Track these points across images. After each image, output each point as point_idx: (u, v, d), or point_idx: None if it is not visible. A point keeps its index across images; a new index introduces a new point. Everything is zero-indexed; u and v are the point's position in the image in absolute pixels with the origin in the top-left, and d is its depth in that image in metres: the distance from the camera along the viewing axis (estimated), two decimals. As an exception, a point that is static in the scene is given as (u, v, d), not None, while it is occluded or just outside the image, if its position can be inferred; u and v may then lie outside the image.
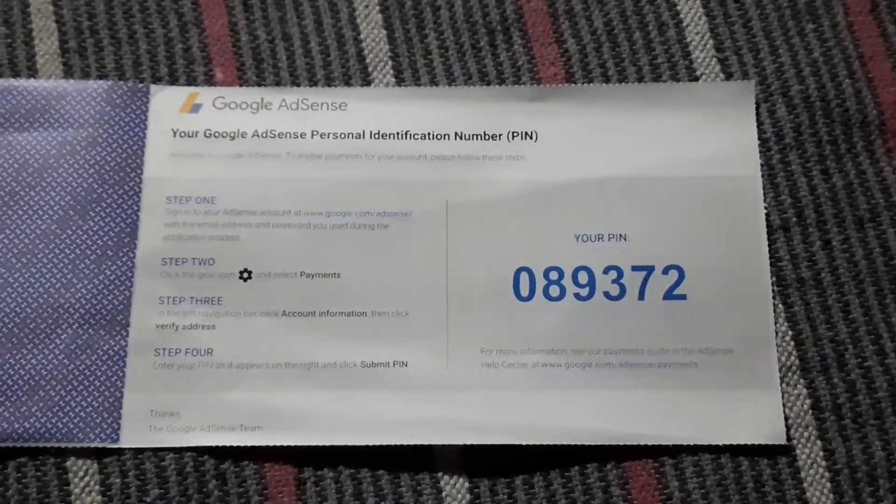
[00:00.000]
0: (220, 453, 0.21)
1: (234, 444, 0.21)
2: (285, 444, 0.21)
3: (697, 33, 0.25)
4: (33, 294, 0.22)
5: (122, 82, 0.24)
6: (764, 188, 0.23)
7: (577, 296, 0.23)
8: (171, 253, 0.22)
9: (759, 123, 0.24)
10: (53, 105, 0.23)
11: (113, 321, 0.22)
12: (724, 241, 0.23)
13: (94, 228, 0.22)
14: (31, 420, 0.21)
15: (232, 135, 0.23)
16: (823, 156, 0.24)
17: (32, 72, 0.24)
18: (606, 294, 0.23)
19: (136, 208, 0.23)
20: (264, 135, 0.23)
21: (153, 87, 0.24)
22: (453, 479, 0.22)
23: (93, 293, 0.22)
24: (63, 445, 0.21)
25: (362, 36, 0.24)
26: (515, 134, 0.24)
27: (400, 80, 0.24)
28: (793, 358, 0.23)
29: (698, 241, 0.23)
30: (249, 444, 0.21)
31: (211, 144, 0.23)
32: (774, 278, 0.23)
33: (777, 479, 0.22)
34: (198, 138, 0.23)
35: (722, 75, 0.24)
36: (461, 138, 0.24)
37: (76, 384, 0.21)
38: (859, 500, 0.22)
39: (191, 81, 0.24)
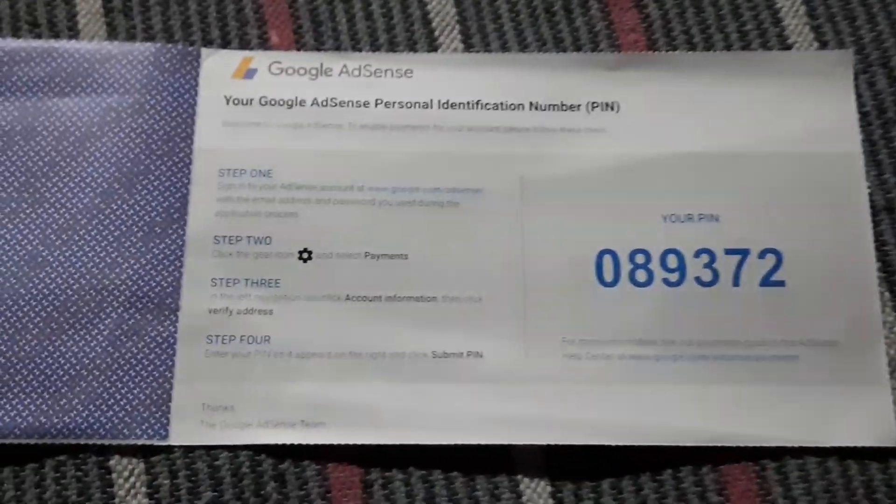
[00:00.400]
0: (278, 452, 0.19)
1: (295, 442, 0.19)
2: (350, 442, 0.19)
3: (790, -3, 0.23)
4: (74, 275, 0.20)
5: (170, 45, 0.22)
6: (866, 166, 0.22)
7: (666, 281, 0.21)
8: (224, 230, 0.21)
9: (858, 96, 0.22)
10: (97, 69, 0.21)
11: (161, 305, 0.20)
12: (824, 223, 0.21)
13: (141, 203, 0.21)
14: (72, 414, 0.19)
15: (289, 103, 0.21)
16: (931, 130, 0.22)
17: (73, 33, 0.22)
18: (698, 280, 0.21)
19: (185, 182, 0.21)
20: (324, 103, 0.21)
21: (204, 51, 0.22)
22: (534, 483, 0.20)
23: (139, 274, 0.20)
24: (107, 442, 0.19)
25: (429, -3, 0.23)
26: (595, 104, 0.22)
27: (468, 46, 0.22)
28: (903, 351, 0.21)
29: (796, 222, 0.21)
30: (311, 441, 0.19)
31: (267, 113, 0.21)
32: (880, 263, 0.21)
33: (889, 485, 0.20)
34: (252, 106, 0.21)
35: (816, 44, 0.22)
36: (536, 109, 0.22)
37: (121, 374, 0.19)
38: (979, 509, 0.19)
39: (244, 45, 0.22)
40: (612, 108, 0.22)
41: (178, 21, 0.22)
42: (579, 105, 0.22)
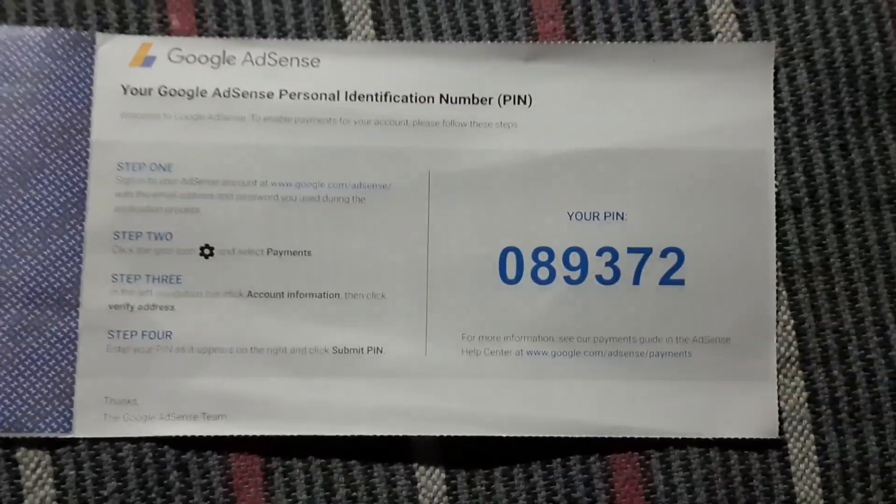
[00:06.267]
0: (181, 443, 0.20)
1: (197, 434, 0.20)
2: (251, 433, 0.20)
3: (715, -13, 0.22)
4: (-28, 269, 0.20)
5: (63, 29, 0.21)
6: (776, 164, 0.22)
7: (568, 279, 0.21)
8: (123, 226, 0.20)
9: (777, 91, 0.22)
10: (-16, 54, 0.21)
11: (61, 300, 0.20)
12: (729, 222, 0.21)
13: (37, 198, 0.20)
14: (-24, 406, 0.20)
15: (190, 93, 0.21)
16: (844, 129, 0.22)
17: (-42, 14, 0.21)
18: (599, 278, 0.21)
19: (83, 175, 0.21)
20: (226, 94, 0.21)
21: (99, 36, 0.21)
22: (429, 471, 0.21)
23: (37, 270, 0.20)
24: (11, 435, 0.20)
25: (336, -19, 0.22)
26: (508, 98, 0.21)
27: (380, 34, 0.22)
28: (792, 349, 0.21)
29: (701, 221, 0.21)
30: (212, 433, 0.20)
31: (166, 103, 0.21)
32: (780, 263, 0.22)
33: (766, 474, 0.21)
34: (151, 96, 0.21)
35: (740, 34, 0.22)
36: (447, 102, 0.21)
37: (22, 369, 0.20)
38: (849, 496, 0.21)
39: (143, 30, 0.21)
40: (524, 102, 0.21)
41: (72, 3, 0.21)
42: (491, 98, 0.21)
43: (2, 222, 0.20)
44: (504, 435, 0.20)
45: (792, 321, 0.21)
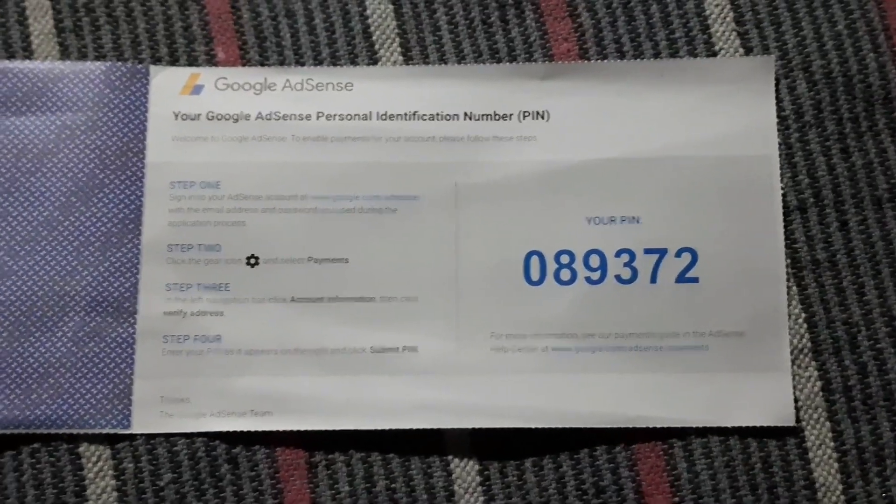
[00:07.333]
0: (231, 438, 0.21)
1: (245, 429, 0.21)
2: (295, 428, 0.21)
3: (717, 5, 0.24)
4: (38, 282, 0.22)
5: (120, 63, 0.23)
6: (781, 168, 0.23)
7: (588, 280, 0.23)
8: (176, 239, 0.22)
9: (779, 101, 0.23)
10: (51, 87, 0.23)
11: (120, 308, 0.22)
12: (738, 222, 0.23)
13: (98, 215, 0.22)
14: (42, 407, 0.21)
15: (235, 117, 0.23)
16: (844, 134, 0.23)
17: (28, 53, 0.23)
18: (618, 277, 0.23)
19: (139, 194, 0.22)
20: (268, 117, 0.23)
21: (153, 68, 0.23)
22: (463, 462, 0.22)
23: (98, 280, 0.22)
24: (75, 432, 0.21)
25: (368, 12, 0.24)
26: (527, 114, 0.23)
27: (408, 59, 0.24)
28: (805, 340, 0.23)
29: (712, 223, 0.23)
30: (260, 428, 0.21)
31: (214, 127, 0.23)
32: (789, 260, 0.23)
33: (785, 460, 0.22)
34: (200, 121, 0.23)
35: (742, 50, 0.24)
36: (471, 119, 0.23)
37: (85, 371, 0.22)
38: (866, 480, 0.22)
39: (191, 62, 0.23)
40: (543, 117, 0.23)
41: (128, 39, 0.23)
42: (511, 114, 0.23)
43: (66, 237, 0.22)
44: (532, 426, 0.22)
45: (803, 314, 0.23)
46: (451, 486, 0.22)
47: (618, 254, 0.22)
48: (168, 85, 0.23)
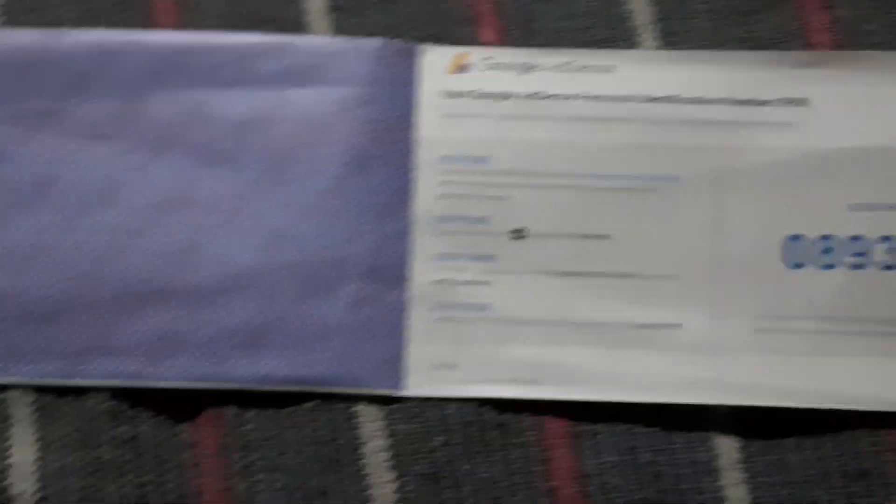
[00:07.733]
0: (499, 405, 0.22)
1: (513, 397, 0.22)
2: (562, 398, 0.22)
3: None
4: (317, 248, 0.23)
5: (392, 41, 0.24)
6: None
7: (851, 265, 0.23)
8: (446, 211, 0.23)
9: None
10: (327, 62, 0.24)
11: (392, 276, 0.23)
12: None
13: (371, 186, 0.23)
14: (321, 367, 0.22)
15: (501, 95, 0.24)
16: None
17: (300, 30, 0.24)
18: (881, 264, 0.23)
19: (409, 167, 0.23)
20: (533, 96, 0.24)
21: (422, 47, 0.24)
22: (726, 439, 0.22)
23: (372, 248, 0.23)
24: (352, 391, 0.22)
25: (629, -3, 0.24)
26: (787, 100, 0.23)
27: (666, 44, 0.24)
28: None
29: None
30: (527, 397, 0.22)
31: (480, 105, 0.24)
32: None
33: None
34: (467, 98, 0.24)
35: None
36: (730, 103, 0.23)
37: (361, 334, 0.22)
38: None
39: (455, 43, 0.24)
40: (802, 104, 0.23)
41: (395, 20, 0.24)
42: (771, 101, 0.23)
43: (342, 206, 0.23)
44: (794, 406, 0.22)
45: None
46: (714, 461, 0.22)
47: (882, 240, 0.22)
48: (436, 63, 0.24)
